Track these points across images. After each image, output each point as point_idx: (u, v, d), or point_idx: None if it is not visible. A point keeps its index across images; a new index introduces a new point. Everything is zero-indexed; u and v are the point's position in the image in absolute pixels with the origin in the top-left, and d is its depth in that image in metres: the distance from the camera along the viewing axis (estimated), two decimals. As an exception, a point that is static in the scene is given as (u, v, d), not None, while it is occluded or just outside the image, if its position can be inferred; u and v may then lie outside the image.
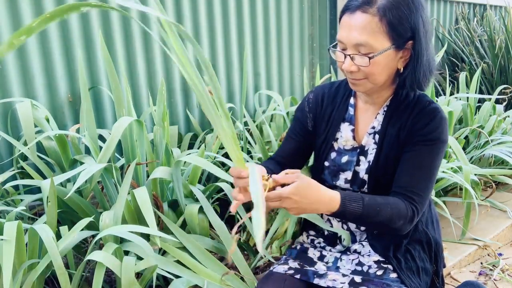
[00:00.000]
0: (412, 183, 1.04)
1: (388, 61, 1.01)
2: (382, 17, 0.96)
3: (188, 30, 2.21)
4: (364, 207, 0.97)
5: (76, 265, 1.34)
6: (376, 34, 0.97)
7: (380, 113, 1.13)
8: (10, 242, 1.01)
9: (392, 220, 1.00)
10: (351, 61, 1.01)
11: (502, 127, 2.55)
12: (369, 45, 0.98)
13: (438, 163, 1.07)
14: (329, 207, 0.95)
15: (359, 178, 1.14)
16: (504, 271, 1.76)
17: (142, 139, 1.46)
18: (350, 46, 1.00)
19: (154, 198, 1.39)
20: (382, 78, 1.04)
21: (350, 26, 0.99)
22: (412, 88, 1.07)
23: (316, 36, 2.87)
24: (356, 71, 1.02)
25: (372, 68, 1.00)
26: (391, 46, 0.99)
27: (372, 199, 1.00)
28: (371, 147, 1.14)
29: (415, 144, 1.06)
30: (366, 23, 0.97)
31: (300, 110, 1.26)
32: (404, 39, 1.00)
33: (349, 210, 0.96)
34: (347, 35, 1.00)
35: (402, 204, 1.02)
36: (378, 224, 1.01)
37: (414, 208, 1.03)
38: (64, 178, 1.27)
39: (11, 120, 1.71)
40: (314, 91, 1.26)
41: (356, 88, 1.08)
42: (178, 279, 1.17)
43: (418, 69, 1.04)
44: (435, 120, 1.05)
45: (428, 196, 1.07)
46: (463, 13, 4.11)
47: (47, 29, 1.76)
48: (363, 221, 1.00)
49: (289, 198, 0.89)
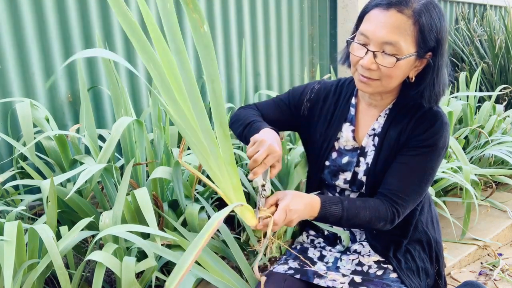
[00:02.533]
0: (399, 188, 1.04)
1: (407, 67, 0.99)
2: (416, 21, 0.94)
3: (188, 30, 2.21)
4: (344, 209, 0.99)
5: (76, 265, 1.34)
6: (407, 37, 0.94)
7: (381, 115, 1.12)
8: (10, 242, 1.01)
9: (372, 222, 1.02)
10: (373, 58, 0.97)
11: (502, 127, 2.55)
12: (398, 46, 0.94)
13: (434, 168, 1.06)
14: (312, 210, 0.97)
15: (357, 179, 1.14)
16: (504, 271, 1.76)
17: (142, 139, 1.46)
18: (375, 43, 0.96)
19: (154, 198, 1.39)
20: (395, 83, 1.02)
21: (381, 23, 0.95)
22: (429, 101, 1.04)
23: (316, 36, 2.87)
24: (374, 70, 0.98)
25: (393, 71, 0.97)
26: (415, 53, 0.97)
27: (352, 202, 1.01)
28: (370, 149, 1.13)
29: (411, 149, 1.05)
30: (401, 23, 0.93)
31: (300, 91, 1.23)
32: (427, 48, 0.98)
33: (330, 212, 0.98)
34: (376, 30, 0.95)
35: (382, 207, 1.02)
36: (359, 225, 1.04)
37: (395, 211, 1.03)
38: (64, 178, 1.27)
39: (11, 120, 1.71)
40: (321, 85, 1.22)
41: (365, 88, 1.03)
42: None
43: (438, 82, 1.02)
44: (435, 126, 1.04)
45: (415, 199, 1.06)
46: (463, 13, 4.11)
47: (47, 29, 1.76)
48: (345, 223, 1.01)
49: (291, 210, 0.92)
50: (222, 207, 1.81)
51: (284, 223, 0.92)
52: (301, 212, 0.94)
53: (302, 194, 0.97)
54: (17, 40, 1.70)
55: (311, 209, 0.97)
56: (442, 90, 1.05)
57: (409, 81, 1.04)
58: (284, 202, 0.92)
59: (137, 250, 1.28)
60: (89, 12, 1.86)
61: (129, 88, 2.06)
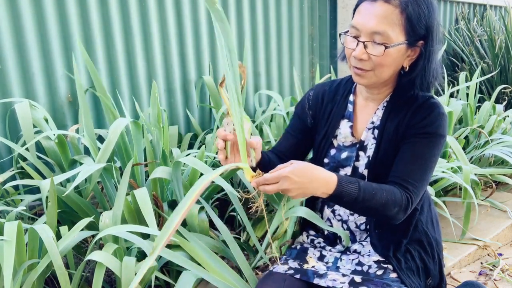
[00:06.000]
0: (407, 173, 1.04)
1: (398, 55, 1.01)
2: (403, 10, 0.97)
3: (188, 28, 2.21)
4: (360, 188, 0.97)
5: (76, 265, 1.34)
6: (395, 26, 0.98)
7: (379, 108, 1.13)
8: (10, 242, 1.01)
9: (387, 206, 0.99)
10: (364, 48, 1.00)
11: (502, 127, 2.55)
12: (386, 35, 0.98)
13: (435, 156, 1.07)
14: (327, 187, 0.94)
15: (358, 173, 1.14)
16: (504, 271, 1.76)
17: (139, 140, 1.46)
18: (365, 34, 1.00)
19: (154, 198, 1.39)
20: (388, 73, 1.04)
21: (369, 14, 0.99)
22: (421, 88, 1.07)
23: (316, 36, 2.87)
24: (365, 60, 1.01)
25: (383, 59, 1.00)
26: (404, 41, 1.00)
27: (368, 183, 1.00)
28: (370, 142, 1.14)
29: (412, 136, 1.06)
30: (388, 13, 0.97)
31: (300, 107, 1.26)
32: (417, 36, 1.01)
33: (346, 191, 0.95)
34: (365, 21, 0.99)
35: (397, 192, 1.01)
36: (373, 209, 0.99)
37: (409, 197, 1.02)
38: (63, 178, 1.27)
39: (10, 120, 1.71)
40: (315, 89, 1.26)
41: (360, 80, 1.06)
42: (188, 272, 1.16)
43: (429, 68, 1.04)
44: (432, 114, 1.05)
45: (423, 188, 1.06)
46: (463, 13, 4.11)
47: (47, 29, 1.76)
48: (359, 205, 0.98)
49: (288, 178, 0.88)
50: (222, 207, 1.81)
51: (276, 188, 0.89)
52: (306, 186, 0.91)
53: (317, 168, 0.94)
54: (17, 40, 1.70)
55: (325, 185, 0.94)
56: (433, 77, 1.07)
57: (404, 72, 1.06)
58: (286, 169, 0.89)
59: (137, 250, 1.28)
60: (89, 12, 1.86)
61: (129, 88, 2.06)
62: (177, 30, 2.18)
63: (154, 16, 2.07)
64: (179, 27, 2.18)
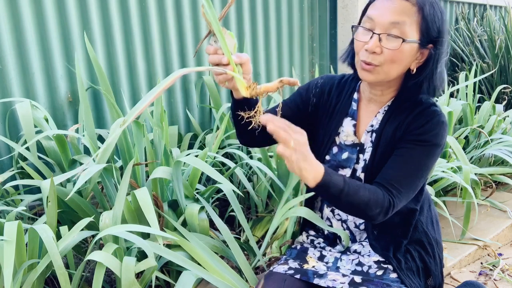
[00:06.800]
0: (394, 177, 1.03)
1: (410, 54, 1.01)
2: (420, 9, 0.98)
3: (188, 30, 2.21)
4: (346, 181, 0.96)
5: (76, 265, 1.34)
6: (412, 21, 0.98)
7: (380, 112, 1.12)
8: (10, 242, 1.01)
9: (369, 205, 0.97)
10: (378, 41, 0.99)
11: (502, 127, 2.55)
12: (403, 29, 0.97)
13: (427, 165, 1.05)
14: (315, 174, 0.91)
15: (356, 176, 1.14)
16: (504, 271, 1.76)
17: (141, 140, 1.46)
18: (381, 25, 0.99)
19: (154, 198, 1.39)
20: (396, 71, 1.03)
21: (387, 7, 0.99)
22: (428, 91, 1.06)
23: (316, 36, 2.87)
24: (378, 54, 1.00)
25: (396, 55, 0.99)
26: (418, 40, 1.00)
27: (352, 179, 1.00)
28: (368, 145, 1.13)
29: (407, 142, 1.05)
30: (406, 8, 0.98)
31: (306, 87, 1.23)
32: (429, 38, 1.01)
33: (333, 182, 0.93)
34: (383, 13, 0.99)
35: (381, 193, 1.00)
36: (355, 206, 0.97)
37: (391, 200, 1.01)
38: (64, 178, 1.27)
39: (10, 120, 1.71)
40: (325, 79, 1.23)
41: (368, 76, 1.03)
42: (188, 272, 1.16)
43: (436, 72, 1.04)
44: (431, 122, 1.04)
45: (408, 195, 1.05)
46: (463, 13, 4.11)
47: (47, 29, 1.76)
48: (344, 199, 0.96)
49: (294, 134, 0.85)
50: (222, 207, 1.81)
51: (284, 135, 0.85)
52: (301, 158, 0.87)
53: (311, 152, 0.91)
54: (17, 40, 1.70)
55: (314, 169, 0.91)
56: (439, 83, 1.06)
57: (411, 74, 1.05)
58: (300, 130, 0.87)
59: (137, 250, 1.28)
60: (89, 12, 1.86)
61: (129, 88, 2.06)
62: (177, 30, 2.18)
63: (154, 16, 2.07)
64: (179, 27, 2.18)
